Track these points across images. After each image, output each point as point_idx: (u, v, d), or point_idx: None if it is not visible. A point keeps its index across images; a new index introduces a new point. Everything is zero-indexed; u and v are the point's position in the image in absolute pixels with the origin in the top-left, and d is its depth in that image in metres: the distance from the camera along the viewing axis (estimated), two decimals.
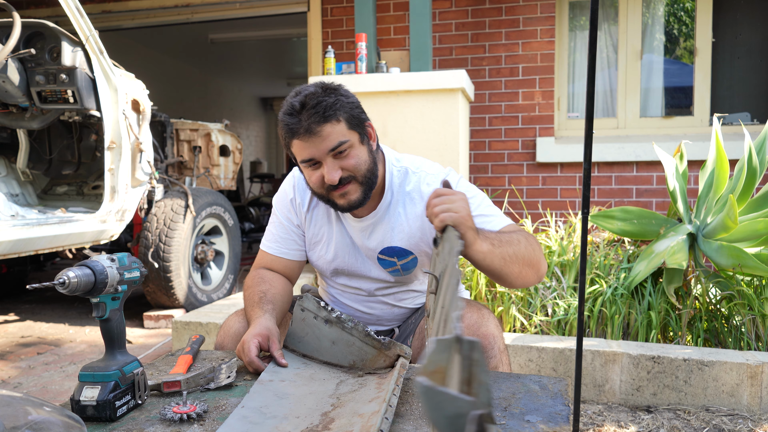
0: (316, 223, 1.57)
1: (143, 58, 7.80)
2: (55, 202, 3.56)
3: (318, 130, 1.32)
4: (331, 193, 1.40)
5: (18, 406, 0.83)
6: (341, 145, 1.35)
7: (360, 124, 1.40)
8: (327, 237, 1.56)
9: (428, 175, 1.51)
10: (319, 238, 1.57)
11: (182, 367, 1.24)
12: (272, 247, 1.59)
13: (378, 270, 1.55)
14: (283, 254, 1.58)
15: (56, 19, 3.59)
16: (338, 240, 1.55)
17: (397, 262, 1.52)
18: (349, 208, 1.42)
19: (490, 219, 1.42)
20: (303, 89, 1.37)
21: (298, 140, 1.35)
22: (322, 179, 1.37)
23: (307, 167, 1.39)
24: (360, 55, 3.36)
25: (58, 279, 0.95)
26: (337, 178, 1.35)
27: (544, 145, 4.27)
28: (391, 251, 1.51)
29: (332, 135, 1.34)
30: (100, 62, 3.03)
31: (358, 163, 1.38)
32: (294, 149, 1.38)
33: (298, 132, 1.34)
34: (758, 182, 2.59)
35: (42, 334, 3.33)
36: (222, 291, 3.94)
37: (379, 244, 1.51)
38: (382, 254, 1.52)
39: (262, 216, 7.48)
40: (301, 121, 1.33)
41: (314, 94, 1.34)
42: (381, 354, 1.18)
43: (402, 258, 1.51)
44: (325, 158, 1.35)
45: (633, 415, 2.08)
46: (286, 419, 0.95)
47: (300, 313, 1.21)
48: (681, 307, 2.49)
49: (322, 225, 1.56)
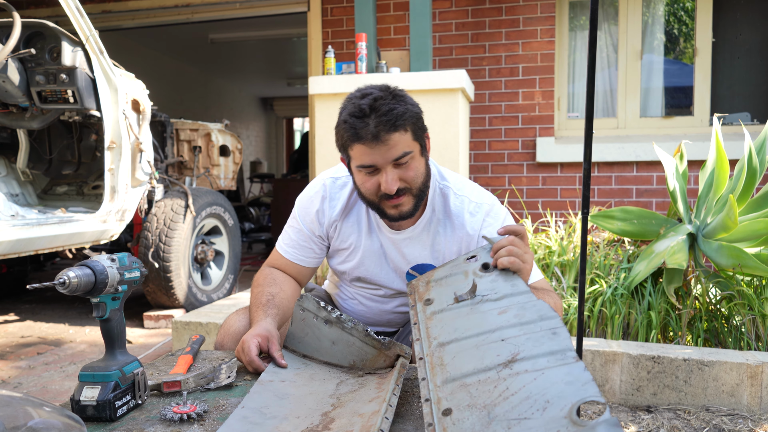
0: (345, 231, 1.54)
1: (143, 58, 7.79)
2: (55, 202, 3.56)
3: (386, 138, 1.29)
4: (384, 202, 1.37)
5: (18, 407, 0.83)
6: (405, 156, 1.32)
7: (422, 136, 1.39)
8: (355, 246, 1.54)
9: (472, 203, 1.48)
10: (346, 246, 1.55)
11: (182, 367, 1.24)
12: (289, 252, 1.57)
13: (401, 283, 1.55)
14: (298, 261, 1.57)
15: (56, 19, 3.59)
16: (366, 249, 1.53)
17: None
18: (399, 218, 1.40)
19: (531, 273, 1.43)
20: (370, 91, 1.34)
21: (361, 145, 1.31)
22: (377, 187, 1.35)
23: (363, 172, 1.36)
24: (360, 55, 3.36)
25: (59, 279, 0.95)
26: (396, 188, 1.32)
27: (544, 145, 4.27)
28: (422, 269, 1.49)
29: (399, 145, 1.31)
30: (100, 62, 3.03)
31: (416, 175, 1.36)
32: (354, 152, 1.34)
33: (364, 137, 1.30)
34: (758, 182, 2.59)
35: (42, 334, 3.33)
36: (222, 291, 3.94)
37: (414, 260, 1.50)
38: (413, 270, 1.51)
39: (262, 216, 7.48)
40: (368, 126, 1.29)
41: (384, 99, 1.31)
42: (381, 354, 1.18)
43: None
44: (386, 167, 1.32)
45: (633, 415, 2.08)
46: (287, 419, 0.95)
47: (300, 313, 1.21)
48: (681, 307, 2.49)
49: (352, 234, 1.53)
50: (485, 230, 1.44)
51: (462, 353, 0.97)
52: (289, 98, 12.19)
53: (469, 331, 1.02)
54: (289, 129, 13.65)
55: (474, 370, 0.92)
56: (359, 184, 1.39)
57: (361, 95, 1.34)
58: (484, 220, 1.45)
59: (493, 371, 0.90)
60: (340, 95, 3.32)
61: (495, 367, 0.90)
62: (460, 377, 0.92)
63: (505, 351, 0.93)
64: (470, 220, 1.46)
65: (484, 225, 1.45)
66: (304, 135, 10.61)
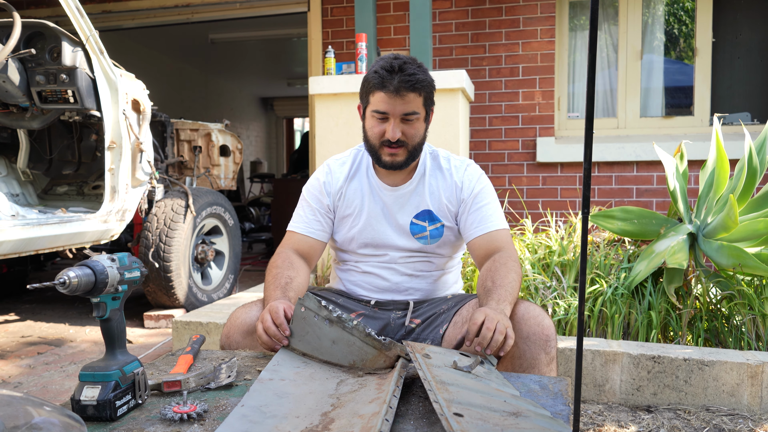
0: (349, 196, 1.72)
1: (143, 58, 7.79)
2: (56, 202, 3.56)
3: (405, 93, 1.54)
4: (383, 148, 1.60)
5: (18, 406, 0.83)
6: (413, 114, 1.57)
7: (430, 106, 1.64)
8: (359, 208, 1.71)
9: (456, 160, 1.74)
10: (351, 211, 1.71)
11: (182, 366, 1.24)
12: (300, 227, 1.72)
13: (405, 239, 1.69)
14: (309, 233, 1.71)
15: (56, 19, 3.59)
16: (371, 210, 1.70)
17: (427, 227, 1.69)
18: (391, 166, 1.62)
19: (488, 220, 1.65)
20: (401, 56, 1.59)
21: (383, 93, 1.55)
22: (383, 132, 1.58)
23: (375, 118, 1.59)
24: (360, 55, 3.36)
25: (59, 279, 0.95)
26: (397, 137, 1.56)
27: (544, 145, 4.27)
28: (424, 215, 1.69)
29: (411, 103, 1.56)
30: (100, 62, 3.03)
31: (416, 134, 1.60)
32: (374, 98, 1.57)
33: (387, 87, 1.54)
34: (758, 182, 2.59)
35: (42, 334, 3.33)
36: (222, 291, 3.94)
37: (414, 209, 1.69)
38: (416, 218, 1.69)
39: (263, 216, 7.48)
40: (393, 80, 1.53)
41: (411, 64, 1.56)
42: (381, 354, 1.18)
43: (432, 223, 1.69)
44: (395, 118, 1.56)
45: (633, 415, 2.08)
46: (286, 419, 0.95)
47: (301, 311, 1.21)
48: (681, 306, 2.49)
49: (356, 197, 1.72)
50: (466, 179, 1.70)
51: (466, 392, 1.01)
52: (290, 98, 12.19)
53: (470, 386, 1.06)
54: (289, 129, 13.66)
55: (481, 405, 0.96)
56: (368, 127, 1.63)
57: (394, 57, 1.58)
58: (465, 170, 1.72)
59: (498, 413, 0.94)
60: (340, 95, 3.32)
61: (501, 412, 0.95)
62: (467, 404, 0.95)
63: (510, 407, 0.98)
64: (455, 171, 1.72)
65: (465, 175, 1.71)
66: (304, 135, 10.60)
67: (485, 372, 1.18)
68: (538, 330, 1.39)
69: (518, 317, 1.42)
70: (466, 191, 1.68)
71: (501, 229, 1.65)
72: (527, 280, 2.67)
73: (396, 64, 1.54)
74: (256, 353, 1.40)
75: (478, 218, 1.65)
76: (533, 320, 1.41)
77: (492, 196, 1.70)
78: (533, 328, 1.40)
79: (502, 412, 0.95)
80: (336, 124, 3.36)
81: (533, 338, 1.39)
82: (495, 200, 1.70)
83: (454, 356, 1.22)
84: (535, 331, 1.39)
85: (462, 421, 0.88)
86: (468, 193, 1.68)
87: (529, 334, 1.39)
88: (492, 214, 1.66)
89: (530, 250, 2.96)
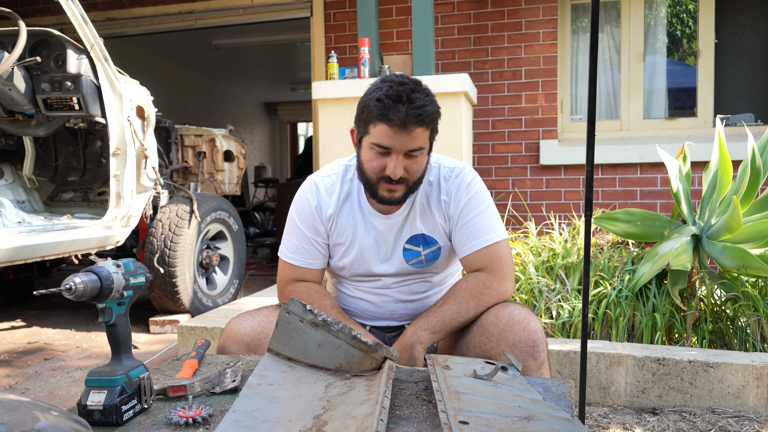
0: (342, 223, 1.60)
1: (147, 64, 7.83)
2: (61, 209, 3.58)
3: (411, 128, 1.38)
4: (381, 184, 1.46)
5: (26, 411, 0.84)
6: (418, 150, 1.43)
7: (434, 135, 1.49)
8: (351, 239, 1.60)
9: (445, 169, 1.59)
10: (343, 240, 1.60)
11: (188, 371, 1.24)
12: (299, 260, 1.61)
13: (398, 267, 1.59)
14: (310, 265, 1.61)
15: (61, 27, 3.62)
16: (362, 242, 1.59)
17: (422, 252, 1.58)
18: (388, 202, 1.49)
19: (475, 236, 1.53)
20: (406, 80, 1.42)
21: (386, 125, 1.39)
22: (382, 168, 1.43)
23: (374, 150, 1.43)
24: (363, 59, 3.38)
25: (65, 285, 0.96)
26: (399, 175, 1.42)
27: (547, 147, 4.27)
28: (417, 239, 1.57)
29: (418, 139, 1.41)
30: (104, 69, 3.05)
31: (418, 170, 1.47)
32: (376, 130, 1.41)
33: (392, 120, 1.38)
34: (762, 183, 2.59)
35: (49, 340, 3.34)
36: (227, 296, 3.95)
37: (408, 234, 1.57)
38: (408, 243, 1.57)
39: (267, 221, 7.49)
40: (400, 111, 1.37)
41: (419, 93, 1.40)
42: (367, 356, 1.18)
43: (427, 247, 1.58)
44: (399, 154, 1.41)
45: (638, 417, 2.08)
46: (279, 423, 0.96)
47: (285, 316, 1.21)
48: (686, 308, 2.48)
49: (347, 227, 1.59)
50: (452, 192, 1.55)
51: (479, 400, 1.02)
52: (293, 103, 12.22)
53: (486, 393, 1.06)
54: (293, 134, 13.68)
55: (491, 412, 0.97)
56: (365, 159, 1.47)
57: (399, 82, 1.41)
58: (453, 181, 1.56)
59: (509, 419, 0.95)
60: (343, 100, 3.33)
61: (511, 417, 0.95)
62: (477, 412, 0.96)
63: (523, 412, 0.98)
64: (443, 184, 1.57)
65: (451, 187, 1.56)
66: (308, 139, 10.61)
67: (508, 378, 1.17)
68: (525, 336, 1.36)
69: (503, 324, 1.39)
70: (453, 206, 1.55)
71: (491, 245, 1.51)
72: (531, 283, 2.67)
73: (403, 92, 1.38)
74: (261, 358, 1.40)
75: (465, 235, 1.53)
76: (519, 326, 1.37)
77: (482, 204, 1.55)
78: (519, 335, 1.36)
79: (513, 417, 0.95)
80: (339, 129, 3.37)
81: (520, 345, 1.36)
82: (485, 208, 1.55)
83: (477, 365, 1.22)
84: (522, 338, 1.36)
85: (466, 428, 0.88)
86: (455, 208, 1.55)
87: (515, 342, 1.36)
88: (481, 228, 1.52)
89: (534, 252, 2.95)
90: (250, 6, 5.06)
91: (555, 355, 2.25)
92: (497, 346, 1.38)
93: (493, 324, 1.41)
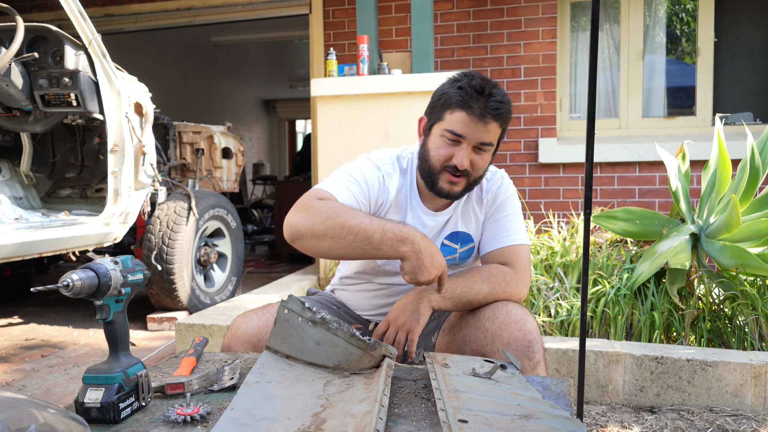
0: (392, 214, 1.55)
1: (146, 61, 7.81)
2: (59, 205, 3.57)
3: (488, 121, 1.41)
4: (443, 174, 1.46)
5: (22, 408, 0.83)
6: (488, 145, 1.45)
7: (502, 139, 1.52)
8: None
9: (488, 171, 1.60)
10: None
11: (186, 369, 1.24)
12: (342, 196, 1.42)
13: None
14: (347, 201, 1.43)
15: (59, 23, 3.60)
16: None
17: (458, 249, 1.59)
18: (447, 195, 1.49)
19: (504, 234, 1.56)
20: (487, 79, 1.46)
21: (464, 113, 1.40)
22: (450, 157, 1.44)
23: (445, 137, 1.44)
24: (362, 57, 3.37)
25: (62, 282, 0.95)
26: (465, 166, 1.43)
27: (546, 145, 4.27)
28: (457, 236, 1.59)
29: (491, 132, 1.43)
30: (102, 65, 3.04)
31: (482, 166, 1.48)
32: (452, 116, 1.42)
33: (472, 108, 1.40)
34: (761, 182, 2.59)
35: (46, 337, 3.34)
36: (225, 293, 3.95)
37: (447, 232, 1.58)
38: (447, 239, 1.58)
39: (265, 218, 7.49)
40: (480, 102, 1.40)
41: (499, 90, 1.44)
42: (366, 354, 1.18)
43: (464, 245, 1.60)
44: (469, 144, 1.43)
45: (636, 416, 2.08)
46: (277, 420, 0.95)
47: (284, 314, 1.21)
48: (684, 307, 2.49)
49: (396, 217, 1.55)
50: (492, 190, 1.59)
51: (479, 398, 1.01)
52: (292, 100, 12.21)
53: (485, 391, 1.06)
54: (291, 131, 13.67)
55: (491, 410, 0.97)
56: (433, 147, 1.47)
57: (483, 77, 1.45)
58: (494, 182, 1.60)
59: (508, 417, 0.95)
60: (342, 97, 3.33)
61: (510, 415, 0.96)
62: (476, 410, 0.95)
63: (522, 410, 0.98)
64: (487, 184, 1.60)
65: (492, 185, 1.60)
66: (306, 137, 10.61)
67: (507, 377, 1.17)
68: (520, 335, 1.36)
69: (499, 321, 1.39)
70: (491, 203, 1.59)
71: (516, 245, 1.54)
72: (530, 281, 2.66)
73: (487, 86, 1.41)
74: (259, 355, 1.40)
75: (495, 231, 1.57)
76: (515, 325, 1.37)
77: (514, 207, 1.60)
78: (515, 334, 1.36)
79: (513, 416, 0.95)
80: (338, 126, 3.37)
81: (515, 345, 1.35)
82: (517, 212, 1.60)
83: (476, 363, 1.22)
84: (517, 337, 1.36)
85: (465, 426, 0.88)
86: (492, 205, 1.59)
87: (510, 341, 1.36)
88: (510, 227, 1.56)
89: (532, 251, 2.95)
90: (248, 3, 5.05)
91: (553, 354, 2.25)
92: (492, 344, 1.38)
93: (489, 320, 1.41)
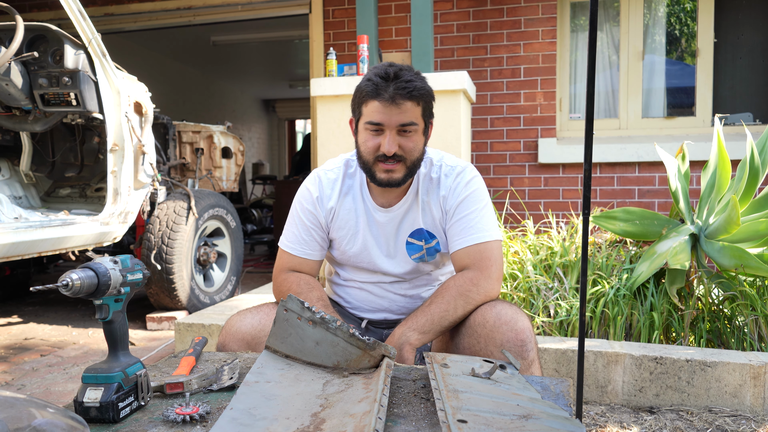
0: (343, 215, 1.62)
1: (145, 60, 7.81)
2: (58, 205, 3.57)
3: (400, 102, 1.43)
4: (378, 164, 1.49)
5: (21, 408, 0.83)
6: (410, 125, 1.46)
7: (429, 117, 1.53)
8: (354, 231, 1.62)
9: (447, 165, 1.62)
10: (345, 232, 1.63)
11: (185, 368, 1.24)
12: (296, 249, 1.64)
13: (400, 262, 1.62)
14: (308, 255, 1.64)
15: (59, 22, 3.60)
16: (365, 235, 1.61)
17: (424, 246, 1.61)
18: (387, 183, 1.51)
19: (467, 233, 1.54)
20: (397, 64, 1.49)
21: (377, 102, 1.44)
22: (377, 146, 1.47)
23: (369, 130, 1.48)
24: (362, 56, 3.37)
25: (62, 281, 0.95)
26: (393, 151, 1.45)
27: (546, 146, 4.27)
28: (420, 233, 1.60)
29: (408, 113, 1.45)
30: (102, 65, 3.04)
31: (414, 148, 1.49)
32: (367, 108, 1.47)
33: (382, 95, 1.43)
34: (760, 182, 2.59)
35: (45, 336, 3.34)
36: (224, 293, 3.95)
37: (409, 229, 1.60)
38: (411, 237, 1.60)
39: (265, 218, 7.49)
40: (389, 87, 1.43)
41: (408, 72, 1.46)
42: (366, 354, 1.18)
43: (429, 241, 1.61)
44: (391, 129, 1.45)
45: (636, 416, 2.08)
46: (277, 420, 0.95)
47: (283, 313, 1.21)
48: (683, 307, 2.49)
49: (350, 218, 1.62)
50: (451, 188, 1.58)
51: (478, 399, 1.02)
52: (291, 100, 12.21)
53: (484, 392, 1.06)
54: (291, 131, 13.67)
55: (490, 410, 0.97)
56: (361, 141, 1.51)
57: (389, 64, 1.48)
58: (454, 178, 1.59)
59: (507, 417, 0.95)
60: (341, 97, 3.33)
61: (510, 416, 0.96)
62: (476, 410, 0.96)
63: (521, 410, 0.98)
64: (443, 180, 1.59)
65: (452, 183, 1.58)
66: (306, 137, 10.62)
67: (506, 377, 1.17)
68: (512, 336, 1.36)
69: (490, 325, 1.39)
70: (451, 201, 1.57)
71: (482, 243, 1.52)
72: (529, 281, 2.67)
73: (391, 71, 1.44)
74: (258, 355, 1.40)
75: (458, 230, 1.55)
76: (506, 326, 1.37)
77: (479, 203, 1.56)
78: (507, 335, 1.36)
79: (512, 416, 0.95)
80: (338, 126, 3.37)
81: (508, 345, 1.35)
82: (482, 207, 1.56)
83: (475, 363, 1.22)
84: (509, 338, 1.36)
85: (464, 426, 0.88)
86: (452, 203, 1.56)
87: (503, 342, 1.36)
88: (474, 225, 1.53)
89: (532, 251, 2.95)
90: (248, 2, 5.05)
91: (552, 354, 2.25)
92: (485, 347, 1.38)
93: (480, 325, 1.41)
